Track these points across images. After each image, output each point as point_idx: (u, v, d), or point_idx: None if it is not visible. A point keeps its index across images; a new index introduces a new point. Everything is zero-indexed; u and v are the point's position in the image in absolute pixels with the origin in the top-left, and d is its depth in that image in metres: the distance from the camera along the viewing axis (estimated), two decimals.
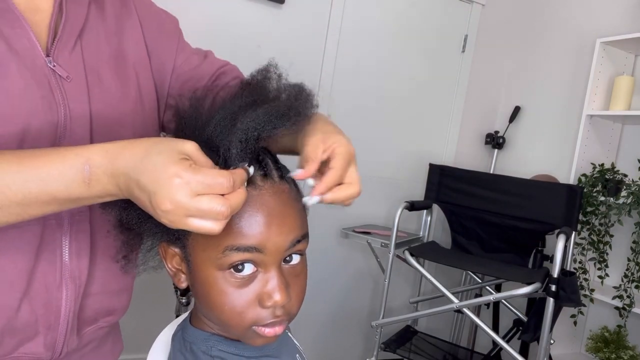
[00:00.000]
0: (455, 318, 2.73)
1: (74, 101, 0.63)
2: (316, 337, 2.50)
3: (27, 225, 0.61)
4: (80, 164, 0.50)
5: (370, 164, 2.51)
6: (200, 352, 0.58)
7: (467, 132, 2.76)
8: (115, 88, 0.69)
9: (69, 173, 0.50)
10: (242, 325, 0.55)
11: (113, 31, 0.71)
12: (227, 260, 0.53)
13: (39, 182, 0.50)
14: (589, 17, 2.44)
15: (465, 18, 2.65)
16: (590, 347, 2.15)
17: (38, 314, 0.64)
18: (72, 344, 0.69)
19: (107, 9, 0.71)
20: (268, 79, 0.61)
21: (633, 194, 1.92)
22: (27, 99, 0.59)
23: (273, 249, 0.54)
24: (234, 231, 0.53)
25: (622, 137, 2.31)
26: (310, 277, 0.62)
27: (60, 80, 0.63)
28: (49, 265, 0.64)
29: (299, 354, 0.71)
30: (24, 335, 0.64)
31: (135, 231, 0.59)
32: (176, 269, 0.60)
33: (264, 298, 0.54)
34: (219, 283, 0.54)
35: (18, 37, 0.60)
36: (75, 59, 0.65)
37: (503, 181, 2.09)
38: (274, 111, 0.55)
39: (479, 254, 2.20)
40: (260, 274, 0.55)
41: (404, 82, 2.54)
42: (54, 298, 0.65)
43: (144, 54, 0.74)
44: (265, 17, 2.12)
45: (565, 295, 1.70)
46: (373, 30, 2.41)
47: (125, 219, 0.57)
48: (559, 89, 2.54)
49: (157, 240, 0.60)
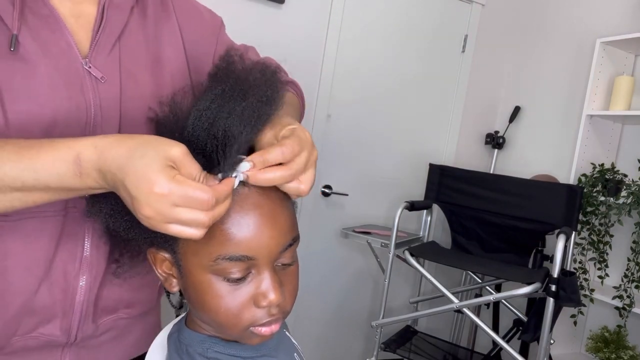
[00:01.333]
0: (455, 318, 2.73)
1: (106, 101, 0.66)
2: (316, 337, 2.50)
3: (48, 216, 0.65)
4: (72, 157, 0.51)
5: (370, 164, 2.51)
6: (196, 355, 0.58)
7: (467, 132, 2.76)
8: (150, 91, 0.71)
9: (61, 166, 0.52)
10: (238, 327, 0.55)
11: (152, 36, 0.73)
12: (219, 267, 0.53)
13: (33, 172, 0.52)
14: (589, 17, 2.44)
15: (465, 18, 2.65)
16: (590, 347, 2.15)
17: (56, 299, 0.67)
18: (87, 330, 0.71)
19: (149, 15, 0.73)
20: (232, 63, 0.59)
21: (633, 194, 1.92)
22: (53, 99, 0.62)
23: (266, 254, 0.53)
24: (225, 238, 0.52)
25: (622, 137, 2.31)
26: (310, 277, 0.62)
27: (94, 81, 0.66)
28: (69, 254, 0.67)
29: (297, 353, 0.71)
30: (42, 317, 0.67)
31: (123, 237, 0.59)
32: (167, 274, 0.60)
33: (259, 298, 0.54)
34: (213, 287, 0.54)
35: (56, 40, 0.64)
36: (111, 62, 0.67)
37: (503, 181, 2.09)
38: (247, 114, 0.53)
39: (479, 254, 2.20)
40: (254, 275, 0.54)
41: (404, 82, 2.54)
42: (71, 285, 0.68)
43: (182, 59, 0.76)
44: (265, 17, 2.12)
45: (565, 295, 1.70)
46: (373, 30, 2.41)
47: (112, 226, 0.57)
48: (559, 89, 2.54)
49: (146, 246, 0.59)
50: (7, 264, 0.64)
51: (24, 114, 0.61)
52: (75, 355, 0.73)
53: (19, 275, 0.65)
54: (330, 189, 2.40)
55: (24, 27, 0.62)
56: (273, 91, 0.57)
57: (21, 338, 0.68)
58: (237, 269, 0.53)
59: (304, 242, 0.63)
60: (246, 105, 0.53)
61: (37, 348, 0.69)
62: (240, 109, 0.53)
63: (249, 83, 0.56)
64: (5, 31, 0.61)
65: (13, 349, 0.68)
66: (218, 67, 0.59)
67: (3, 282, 0.64)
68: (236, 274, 0.53)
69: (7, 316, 0.66)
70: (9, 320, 0.66)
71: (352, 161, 2.46)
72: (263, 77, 0.58)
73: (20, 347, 0.68)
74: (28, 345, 0.68)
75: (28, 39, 0.62)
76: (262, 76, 0.58)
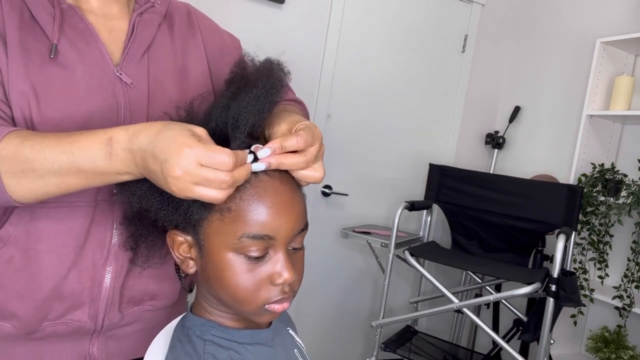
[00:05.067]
0: (455, 318, 2.72)
1: (134, 104, 0.74)
2: (316, 337, 2.50)
3: (79, 206, 0.71)
4: (105, 139, 0.58)
5: (370, 164, 2.51)
6: (194, 336, 0.63)
7: (467, 132, 2.76)
8: (177, 98, 0.78)
9: (94, 147, 0.58)
10: (255, 303, 0.60)
11: (179, 49, 0.83)
12: (242, 245, 0.58)
13: (70, 155, 0.59)
14: (589, 17, 2.44)
15: (465, 18, 2.66)
16: (590, 347, 2.15)
17: (84, 286, 0.73)
18: (113, 318, 0.76)
19: (176, 31, 0.84)
20: (244, 68, 0.67)
21: (633, 194, 1.92)
22: (88, 100, 0.71)
23: (284, 235, 0.59)
24: (250, 218, 0.57)
25: (622, 137, 2.31)
26: (310, 277, 0.65)
27: (125, 86, 0.74)
28: (98, 243, 0.73)
29: (298, 350, 0.72)
30: (71, 303, 0.73)
31: (150, 219, 0.64)
32: (184, 257, 0.63)
33: (275, 277, 0.59)
34: (234, 265, 0.59)
35: (91, 50, 0.73)
36: (140, 70, 0.76)
37: (503, 181, 2.09)
38: (257, 97, 0.60)
39: (479, 254, 2.20)
40: (270, 255, 0.60)
41: (404, 82, 2.54)
42: (98, 273, 0.74)
43: (205, 70, 0.85)
44: (265, 17, 2.12)
45: (565, 295, 1.70)
46: (373, 31, 2.41)
47: (144, 205, 0.62)
48: (559, 89, 2.54)
49: (169, 228, 0.63)
50: (40, 248, 0.70)
51: (60, 112, 0.68)
52: (103, 344, 0.78)
53: (50, 260, 0.70)
54: (330, 189, 2.40)
55: (62, 38, 0.71)
56: (276, 80, 0.64)
57: (51, 323, 0.73)
58: (257, 247, 0.58)
59: (304, 242, 0.66)
60: (254, 95, 0.60)
61: (67, 334, 0.74)
62: (248, 99, 0.60)
63: (257, 77, 0.63)
64: (46, 41, 0.70)
65: (44, 334, 0.73)
66: (233, 72, 0.67)
67: (36, 265, 0.70)
68: (255, 252, 0.58)
69: (39, 300, 0.71)
70: (40, 304, 0.71)
71: (352, 161, 2.46)
72: (268, 70, 0.65)
73: (50, 333, 0.73)
74: (58, 331, 0.73)
75: (66, 48, 0.71)
76: (267, 69, 0.65)
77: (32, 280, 0.70)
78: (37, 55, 0.69)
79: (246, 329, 0.65)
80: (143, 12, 0.80)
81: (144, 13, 0.80)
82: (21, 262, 0.70)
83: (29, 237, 0.70)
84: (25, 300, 0.70)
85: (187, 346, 0.62)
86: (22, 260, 0.70)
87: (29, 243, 0.70)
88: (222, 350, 0.61)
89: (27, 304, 0.71)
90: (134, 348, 0.81)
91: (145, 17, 0.79)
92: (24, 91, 0.67)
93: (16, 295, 0.70)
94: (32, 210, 0.69)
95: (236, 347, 0.62)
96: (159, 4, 0.82)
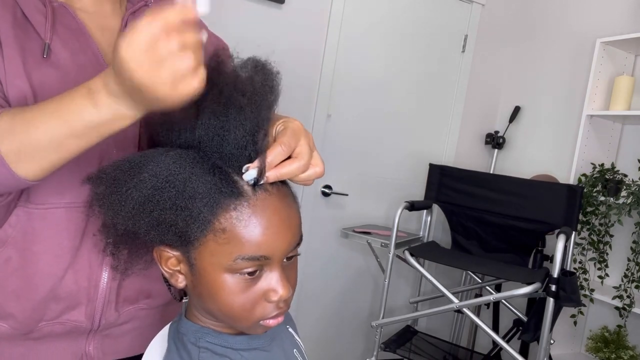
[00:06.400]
0: (455, 318, 2.73)
1: None
2: (316, 337, 2.50)
3: (76, 207, 0.71)
4: (85, 91, 0.56)
5: (370, 164, 2.51)
6: (189, 343, 0.62)
7: (467, 132, 2.76)
8: None
9: (78, 100, 0.56)
10: (250, 320, 0.59)
11: None
12: (237, 267, 0.56)
13: (56, 113, 0.57)
14: (589, 17, 2.44)
15: (465, 18, 2.66)
16: (590, 347, 2.15)
17: (81, 286, 0.73)
18: (109, 317, 0.76)
19: None
20: (221, 62, 0.60)
21: (633, 194, 1.92)
22: None
23: (280, 255, 0.58)
24: (246, 240, 0.55)
25: (622, 137, 2.31)
26: (310, 277, 0.64)
27: None
28: (94, 245, 0.73)
29: (298, 349, 0.72)
30: (68, 303, 0.73)
31: (141, 240, 0.59)
32: (173, 271, 0.61)
33: (270, 294, 0.58)
34: (229, 285, 0.57)
35: (83, 49, 0.72)
36: None
37: (503, 181, 2.09)
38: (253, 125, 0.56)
39: (479, 254, 2.20)
40: (265, 272, 0.58)
41: (404, 82, 2.54)
42: (95, 274, 0.74)
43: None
44: (265, 17, 2.12)
45: (565, 295, 1.70)
46: (373, 31, 2.41)
47: (132, 226, 0.57)
48: (559, 89, 2.54)
49: (164, 244, 0.59)
50: (36, 249, 0.70)
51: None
52: (100, 342, 0.78)
53: (46, 261, 0.70)
54: (330, 189, 2.40)
55: (55, 37, 0.70)
56: (274, 95, 0.59)
57: (48, 323, 0.73)
58: (252, 266, 0.56)
59: (304, 242, 0.65)
60: (249, 117, 0.56)
61: (63, 334, 0.74)
62: (245, 123, 0.55)
63: (245, 86, 0.57)
64: (38, 40, 0.69)
65: (41, 334, 0.73)
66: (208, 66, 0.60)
67: (32, 266, 0.70)
68: (250, 269, 0.57)
69: (36, 300, 0.71)
70: (37, 304, 0.71)
71: (352, 161, 2.46)
72: (261, 78, 0.59)
73: (47, 333, 0.73)
74: (55, 331, 0.73)
75: (59, 47, 0.70)
76: (258, 77, 0.59)
77: (29, 280, 0.70)
78: (31, 55, 0.68)
79: (241, 335, 0.64)
80: (136, 10, 0.79)
81: (136, 11, 0.79)
82: (18, 262, 0.70)
83: (25, 238, 0.70)
84: (22, 301, 0.71)
85: (183, 353, 0.61)
86: (19, 261, 0.70)
87: (26, 244, 0.70)
88: (216, 357, 0.61)
89: (24, 305, 0.71)
90: (129, 346, 0.82)
91: (138, 15, 0.78)
92: (23, 89, 0.67)
93: (13, 295, 0.70)
94: (29, 211, 0.69)
95: (231, 354, 0.62)
96: (152, 2, 0.81)
